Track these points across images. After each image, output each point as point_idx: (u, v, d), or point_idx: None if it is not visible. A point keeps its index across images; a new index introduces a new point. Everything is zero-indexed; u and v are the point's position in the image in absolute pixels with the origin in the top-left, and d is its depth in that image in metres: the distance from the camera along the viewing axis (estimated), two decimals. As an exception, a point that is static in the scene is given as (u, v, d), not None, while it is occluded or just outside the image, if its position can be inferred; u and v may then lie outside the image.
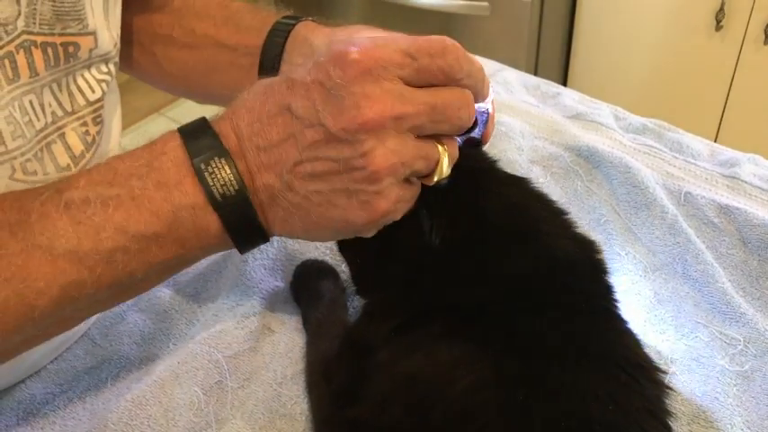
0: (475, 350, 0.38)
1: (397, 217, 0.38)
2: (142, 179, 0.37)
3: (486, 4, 1.55)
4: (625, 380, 0.38)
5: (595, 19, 1.59)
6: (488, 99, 0.44)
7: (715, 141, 1.61)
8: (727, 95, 1.50)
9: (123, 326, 0.55)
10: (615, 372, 0.38)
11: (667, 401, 0.40)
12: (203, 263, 0.59)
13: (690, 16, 1.45)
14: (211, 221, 0.37)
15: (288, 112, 0.37)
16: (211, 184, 0.37)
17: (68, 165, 0.47)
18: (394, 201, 0.37)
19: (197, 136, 0.38)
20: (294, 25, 0.54)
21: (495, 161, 0.45)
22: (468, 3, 1.57)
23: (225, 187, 0.37)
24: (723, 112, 1.52)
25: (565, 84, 1.74)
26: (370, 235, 0.39)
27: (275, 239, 0.59)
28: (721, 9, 1.39)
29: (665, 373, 0.42)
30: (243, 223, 0.38)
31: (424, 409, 0.37)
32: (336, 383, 0.45)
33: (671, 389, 0.41)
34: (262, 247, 0.47)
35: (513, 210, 0.42)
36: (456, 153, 0.39)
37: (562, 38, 1.66)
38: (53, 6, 0.44)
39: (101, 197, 0.36)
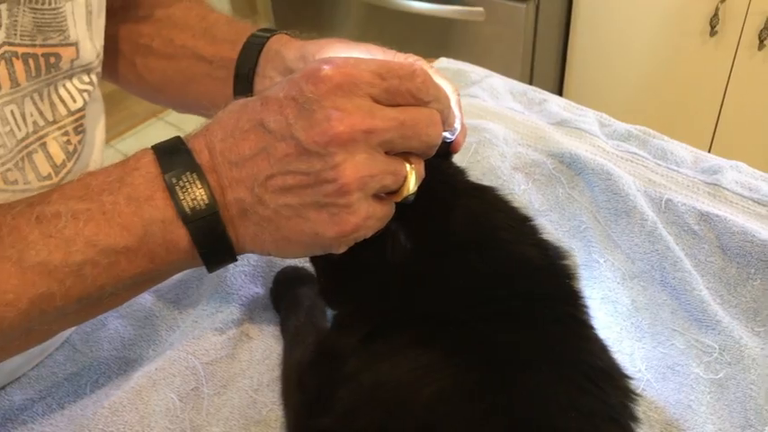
0: (439, 359, 0.38)
1: (368, 234, 0.39)
2: (113, 194, 0.37)
3: (481, 9, 1.55)
4: (589, 387, 0.38)
5: (591, 24, 1.59)
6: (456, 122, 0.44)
7: (710, 147, 1.61)
8: (722, 101, 1.50)
9: (104, 332, 0.55)
10: (579, 379, 0.38)
11: (633, 407, 0.40)
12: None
13: (684, 22, 1.45)
14: (181, 236, 0.38)
15: (261, 128, 0.37)
16: (182, 198, 0.37)
17: (50, 174, 0.47)
18: (363, 216, 0.37)
19: (170, 152, 0.38)
20: (268, 38, 0.55)
21: (461, 171, 0.46)
22: (464, 9, 1.58)
23: (195, 201, 0.37)
24: (718, 117, 1.52)
25: (560, 89, 1.74)
26: (340, 251, 0.39)
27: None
28: (715, 14, 1.39)
29: (631, 379, 0.42)
30: (211, 238, 0.38)
31: (388, 419, 0.38)
32: (308, 392, 0.45)
33: (637, 395, 0.41)
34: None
35: (474, 220, 0.42)
36: (423, 172, 0.40)
37: (557, 44, 1.67)
38: (34, 18, 0.44)
39: (72, 211, 0.36)
